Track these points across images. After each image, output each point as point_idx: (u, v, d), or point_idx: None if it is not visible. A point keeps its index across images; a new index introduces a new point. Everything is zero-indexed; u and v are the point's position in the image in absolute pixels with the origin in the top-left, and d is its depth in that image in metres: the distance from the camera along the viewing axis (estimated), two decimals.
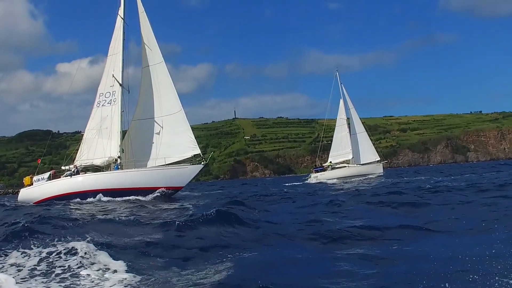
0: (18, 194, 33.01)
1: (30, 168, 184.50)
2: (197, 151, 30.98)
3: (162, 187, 29.37)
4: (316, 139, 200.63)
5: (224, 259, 8.78)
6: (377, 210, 16.22)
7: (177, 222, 12.83)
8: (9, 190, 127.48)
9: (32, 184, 31.55)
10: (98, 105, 32.73)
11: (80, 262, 8.45)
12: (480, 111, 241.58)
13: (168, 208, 19.79)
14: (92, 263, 8.40)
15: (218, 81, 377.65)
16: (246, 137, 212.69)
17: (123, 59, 32.51)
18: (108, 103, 32.24)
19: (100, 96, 32.81)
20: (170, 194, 29.48)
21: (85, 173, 31.55)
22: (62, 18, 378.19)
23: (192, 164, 30.66)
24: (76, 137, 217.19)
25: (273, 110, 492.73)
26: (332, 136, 63.65)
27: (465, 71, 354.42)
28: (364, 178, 51.08)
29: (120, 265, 8.33)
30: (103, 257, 8.75)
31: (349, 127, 60.95)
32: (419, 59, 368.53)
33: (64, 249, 9.24)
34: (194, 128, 32.68)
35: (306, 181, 54.52)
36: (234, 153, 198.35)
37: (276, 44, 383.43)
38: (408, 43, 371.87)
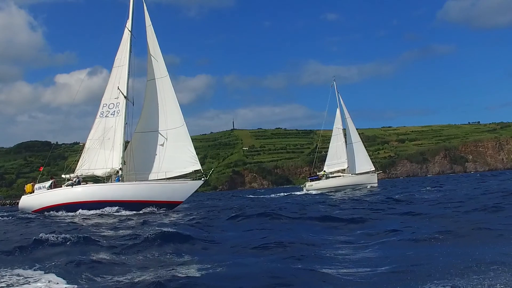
0: (16, 205, 33.05)
1: (28, 179, 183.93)
2: (198, 166, 31.11)
3: (162, 201, 29.44)
4: (314, 150, 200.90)
5: (163, 276, 9.06)
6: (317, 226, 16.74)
7: (122, 242, 13.50)
8: (7, 201, 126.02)
9: (33, 192, 31.69)
10: (101, 115, 32.75)
11: (26, 279, 9.00)
12: (478, 122, 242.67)
13: (129, 226, 20.03)
14: (36, 280, 8.92)
15: (217, 92, 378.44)
16: (245, 148, 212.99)
17: (128, 72, 32.60)
18: (111, 114, 32.30)
19: (103, 106, 32.79)
20: (170, 208, 29.54)
21: (86, 183, 31.58)
22: (61, 29, 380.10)
23: (192, 179, 30.88)
24: (74, 148, 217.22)
25: (272, 121, 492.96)
26: (329, 147, 63.88)
27: (463, 82, 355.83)
28: (353, 189, 51.27)
29: (62, 281, 8.88)
30: (49, 276, 9.28)
31: (345, 137, 61.14)
32: (417, 70, 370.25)
33: (8, 274, 9.63)
34: (192, 139, 32.76)
35: (294, 192, 54.95)
36: (233, 164, 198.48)
37: (274, 55, 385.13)
38: (407, 54, 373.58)
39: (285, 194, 52.33)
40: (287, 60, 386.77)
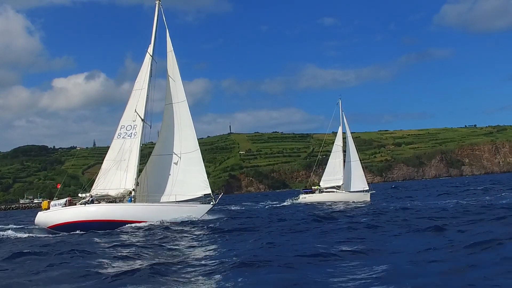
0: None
1: (25, 184, 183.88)
2: (208, 191, 32.05)
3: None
4: (311, 154, 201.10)
5: None
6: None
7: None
8: (2, 207, 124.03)
9: (49, 208, 32.28)
10: (118, 136, 33.40)
11: None
12: (475, 125, 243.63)
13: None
14: None
15: (214, 96, 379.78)
16: (241, 152, 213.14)
17: (147, 96, 33.27)
18: (128, 136, 33.01)
19: (121, 128, 33.45)
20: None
21: (99, 202, 32.10)
22: (59, 34, 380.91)
23: (201, 203, 31.71)
24: (71, 152, 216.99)
25: (269, 125, 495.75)
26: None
27: (459, 86, 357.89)
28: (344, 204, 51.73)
29: None
30: None
31: (344, 155, 61.91)
32: (414, 74, 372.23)
33: None
34: None
35: (282, 204, 55.08)
36: (229, 168, 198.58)
37: (272, 59, 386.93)
38: (404, 59, 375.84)
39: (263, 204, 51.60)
40: (285, 64, 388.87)
